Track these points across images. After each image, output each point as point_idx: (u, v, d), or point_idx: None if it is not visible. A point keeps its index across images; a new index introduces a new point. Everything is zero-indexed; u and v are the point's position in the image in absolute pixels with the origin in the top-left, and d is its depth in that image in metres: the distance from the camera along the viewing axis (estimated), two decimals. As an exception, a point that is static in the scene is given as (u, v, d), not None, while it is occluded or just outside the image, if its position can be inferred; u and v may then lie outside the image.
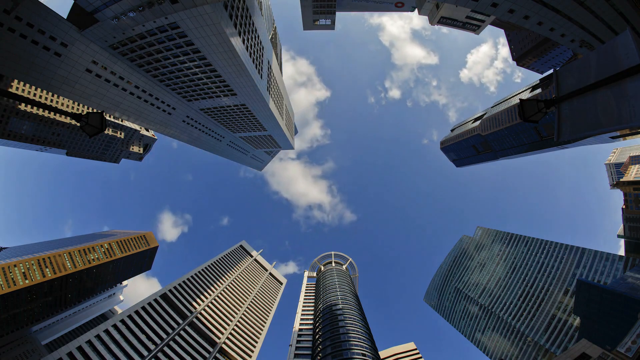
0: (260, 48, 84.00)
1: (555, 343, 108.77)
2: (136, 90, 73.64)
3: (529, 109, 8.21)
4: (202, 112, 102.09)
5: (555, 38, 52.82)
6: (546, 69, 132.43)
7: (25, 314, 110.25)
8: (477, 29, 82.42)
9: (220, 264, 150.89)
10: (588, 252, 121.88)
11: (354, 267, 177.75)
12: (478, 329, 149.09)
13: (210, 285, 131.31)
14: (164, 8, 47.17)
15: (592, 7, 43.78)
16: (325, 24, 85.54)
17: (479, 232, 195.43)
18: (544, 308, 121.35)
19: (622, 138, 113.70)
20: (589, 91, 7.00)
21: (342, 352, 79.31)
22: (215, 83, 78.78)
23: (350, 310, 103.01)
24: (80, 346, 76.99)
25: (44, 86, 55.50)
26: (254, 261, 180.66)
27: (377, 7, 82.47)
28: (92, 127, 8.89)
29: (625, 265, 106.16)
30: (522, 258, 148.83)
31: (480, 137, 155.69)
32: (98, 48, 58.25)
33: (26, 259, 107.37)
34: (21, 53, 49.19)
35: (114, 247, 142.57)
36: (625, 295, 70.19)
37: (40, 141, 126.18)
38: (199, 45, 60.43)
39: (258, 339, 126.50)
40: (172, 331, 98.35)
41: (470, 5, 50.05)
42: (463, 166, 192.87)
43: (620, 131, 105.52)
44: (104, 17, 49.84)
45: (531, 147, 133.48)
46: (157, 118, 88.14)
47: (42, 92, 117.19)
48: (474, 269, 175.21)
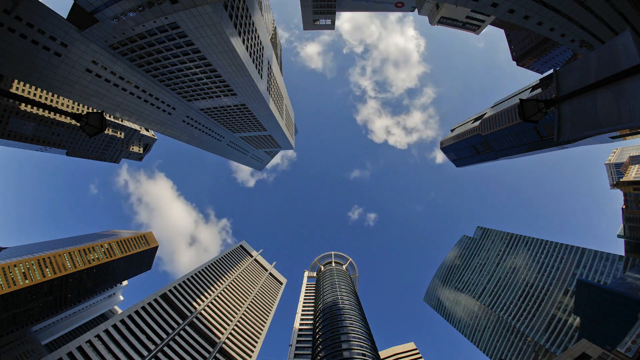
0: (260, 48, 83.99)
1: (555, 343, 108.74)
2: (136, 90, 73.63)
3: (529, 109, 8.21)
4: (202, 112, 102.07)
5: (555, 38, 52.82)
6: (546, 69, 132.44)
7: (25, 314, 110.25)
8: (477, 29, 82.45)
9: (220, 264, 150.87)
10: (588, 252, 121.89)
11: (354, 267, 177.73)
12: (478, 329, 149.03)
13: (210, 285, 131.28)
14: (164, 8, 47.16)
15: (592, 7, 43.80)
16: (325, 24, 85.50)
17: (479, 232, 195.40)
18: (544, 308, 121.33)
19: (622, 138, 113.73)
20: (589, 91, 7.00)
21: (342, 352, 79.28)
22: (215, 83, 78.78)
23: (350, 310, 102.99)
24: (80, 346, 77.01)
25: (44, 86, 55.50)
26: (254, 261, 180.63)
27: (377, 7, 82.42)
28: (92, 127, 8.89)
29: (625, 265, 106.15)
30: (522, 258, 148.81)
31: (480, 137, 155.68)
32: (98, 48, 58.24)
33: (26, 259, 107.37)
34: (21, 53, 49.18)
35: (114, 247, 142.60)
36: (625, 295, 70.21)
37: (40, 141, 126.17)
38: (199, 45, 60.43)
39: (258, 339, 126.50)
40: (172, 331, 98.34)
41: (471, 5, 50.04)
42: (463, 166, 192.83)
43: (620, 131, 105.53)
44: (104, 17, 49.84)
45: (531, 147, 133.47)
46: (157, 118, 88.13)
47: (42, 92, 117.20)
48: (474, 269, 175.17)
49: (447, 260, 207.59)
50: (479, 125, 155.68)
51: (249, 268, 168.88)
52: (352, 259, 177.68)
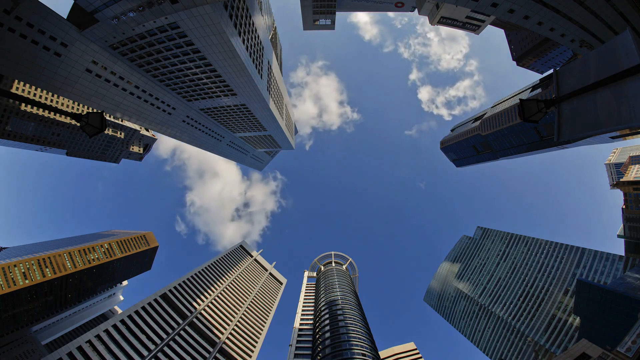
0: (260, 48, 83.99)
1: (555, 343, 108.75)
2: (136, 90, 73.63)
3: (529, 109, 8.22)
4: (202, 112, 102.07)
5: (555, 38, 52.83)
6: (546, 69, 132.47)
7: (25, 314, 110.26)
8: (477, 29, 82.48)
9: (220, 264, 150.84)
10: (588, 252, 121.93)
11: (354, 267, 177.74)
12: (478, 329, 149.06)
13: (210, 285, 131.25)
14: (164, 8, 47.16)
15: (592, 7, 43.80)
16: (325, 24, 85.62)
17: (479, 232, 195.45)
18: (544, 308, 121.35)
19: (622, 138, 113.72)
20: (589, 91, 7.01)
21: (342, 352, 79.27)
22: (215, 83, 78.78)
23: (350, 310, 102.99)
24: (80, 346, 76.97)
25: (44, 86, 55.47)
26: (254, 261, 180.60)
27: (377, 7, 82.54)
28: (92, 127, 8.90)
29: (625, 265, 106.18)
30: (522, 258, 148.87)
31: (480, 137, 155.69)
32: (98, 48, 58.24)
33: (26, 259, 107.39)
34: (21, 53, 49.17)
35: (114, 247, 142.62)
36: (625, 295, 70.21)
37: (40, 141, 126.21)
38: (199, 45, 60.43)
39: (258, 339, 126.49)
40: (172, 331, 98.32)
41: (470, 5, 50.05)
42: (463, 166, 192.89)
43: (620, 131, 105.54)
44: (103, 17, 49.84)
45: (531, 147, 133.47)
46: (157, 118, 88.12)
47: (43, 92, 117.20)
48: (474, 269, 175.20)
49: (447, 260, 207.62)
50: (479, 125, 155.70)
51: (249, 268, 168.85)
52: (352, 259, 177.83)
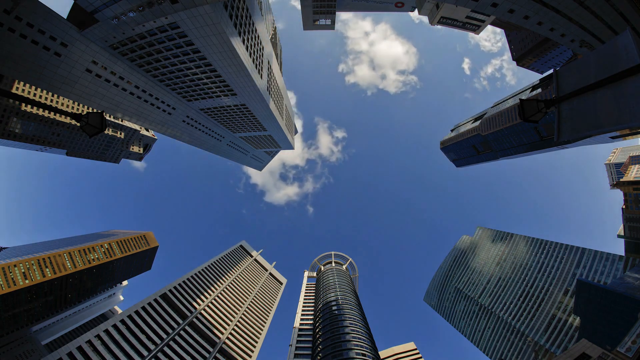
0: (260, 48, 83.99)
1: (555, 343, 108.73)
2: (136, 90, 73.62)
3: (529, 109, 8.21)
4: (202, 112, 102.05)
5: (555, 38, 52.81)
6: (546, 69, 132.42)
7: (25, 314, 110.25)
8: (477, 29, 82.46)
9: (220, 264, 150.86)
10: (588, 252, 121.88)
11: (354, 267, 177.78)
12: (478, 329, 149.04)
13: (211, 285, 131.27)
14: (164, 8, 47.15)
15: (592, 7, 43.79)
16: (325, 24, 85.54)
17: (479, 232, 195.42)
18: (544, 308, 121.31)
19: (622, 138, 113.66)
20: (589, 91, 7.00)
21: (342, 352, 79.29)
22: (215, 83, 78.78)
23: (350, 310, 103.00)
24: (80, 346, 76.99)
25: (44, 86, 55.47)
26: (254, 261, 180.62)
27: (378, 7, 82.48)
28: (92, 127, 8.89)
29: (625, 265, 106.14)
30: (522, 258, 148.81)
31: (480, 137, 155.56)
32: (98, 48, 58.23)
33: (26, 259, 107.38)
34: (21, 53, 49.17)
35: (114, 247, 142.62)
36: (625, 295, 70.20)
37: (40, 141, 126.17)
38: (199, 45, 60.42)
39: (258, 339, 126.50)
40: (172, 331, 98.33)
41: (470, 5, 50.03)
42: (463, 166, 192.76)
43: (620, 131, 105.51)
44: (103, 17, 49.83)
45: (531, 147, 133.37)
46: (157, 118, 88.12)
47: (43, 92, 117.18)
48: (474, 269, 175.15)
49: (447, 260, 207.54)
50: (479, 125, 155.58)
51: (249, 268, 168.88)
52: (352, 259, 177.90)
